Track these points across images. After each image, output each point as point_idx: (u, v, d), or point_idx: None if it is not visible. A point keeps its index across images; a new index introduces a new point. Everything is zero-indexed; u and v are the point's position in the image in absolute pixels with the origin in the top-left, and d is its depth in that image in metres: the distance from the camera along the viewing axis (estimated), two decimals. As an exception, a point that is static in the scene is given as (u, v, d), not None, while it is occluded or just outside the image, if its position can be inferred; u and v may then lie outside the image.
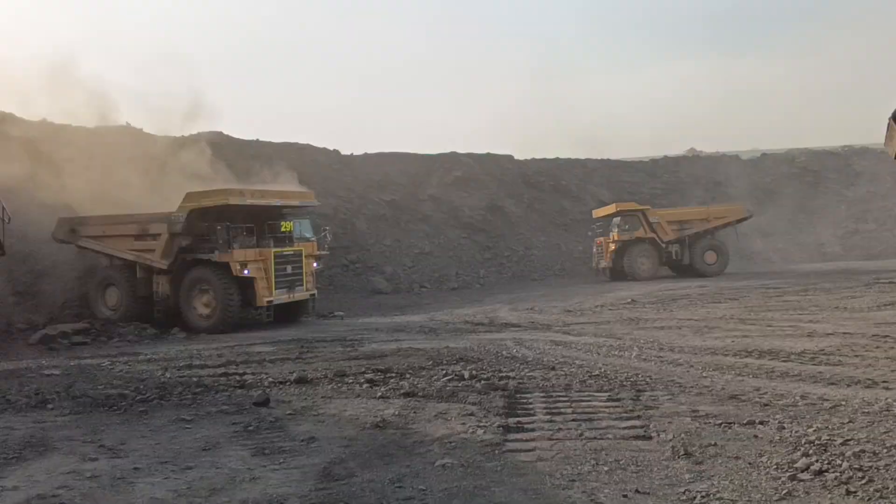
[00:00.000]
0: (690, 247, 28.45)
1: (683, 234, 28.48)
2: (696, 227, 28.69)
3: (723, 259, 28.85)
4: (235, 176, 22.81)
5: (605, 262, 28.60)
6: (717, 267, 28.54)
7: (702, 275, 27.73)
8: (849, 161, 41.33)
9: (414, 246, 31.15)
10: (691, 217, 29.29)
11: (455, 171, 35.91)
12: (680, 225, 28.69)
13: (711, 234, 29.12)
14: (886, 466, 4.34)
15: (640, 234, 28.10)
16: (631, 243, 28.01)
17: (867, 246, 35.32)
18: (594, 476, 4.63)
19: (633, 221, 28.45)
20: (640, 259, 27.88)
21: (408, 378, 8.67)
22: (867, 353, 8.53)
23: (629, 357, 9.43)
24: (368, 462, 5.29)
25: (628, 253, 27.92)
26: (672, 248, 28.35)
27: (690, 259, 28.39)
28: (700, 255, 28.41)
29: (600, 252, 29.02)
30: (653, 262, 28.21)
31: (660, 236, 28.16)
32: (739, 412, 6.00)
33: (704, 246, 28.65)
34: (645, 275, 27.60)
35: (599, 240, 29.24)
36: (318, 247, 18.77)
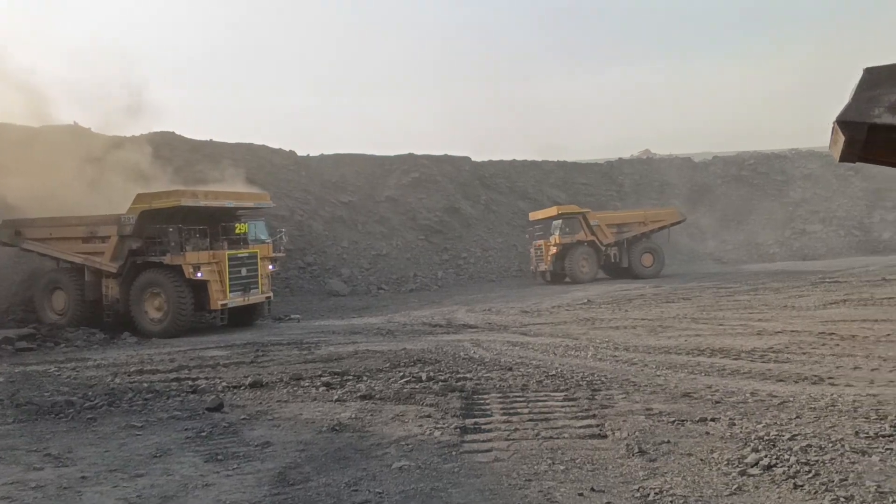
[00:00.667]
0: (629, 249, 28.79)
1: (622, 237, 28.80)
2: (633, 230, 29.04)
3: (659, 261, 29.21)
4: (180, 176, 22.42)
5: (544, 265, 28.48)
6: (654, 269, 28.90)
7: (638, 277, 28.06)
8: (796, 164, 42.52)
9: (371, 248, 31.01)
10: (629, 220, 29.55)
11: (412, 172, 35.88)
12: (618, 228, 28.98)
13: (647, 237, 29.48)
14: (832, 460, 4.46)
15: (581, 237, 28.17)
16: (571, 246, 28.00)
17: (814, 246, 36.39)
18: (550, 475, 4.66)
19: (573, 224, 28.49)
20: (580, 262, 27.89)
21: (365, 380, 8.61)
22: (814, 351, 8.76)
23: (585, 357, 9.53)
24: (324, 466, 5.23)
25: (569, 256, 27.89)
26: (611, 251, 28.60)
27: (629, 262, 28.69)
28: (637, 257, 28.73)
29: (539, 255, 28.86)
30: (592, 265, 28.31)
31: (599, 239, 28.34)
32: (692, 410, 6.10)
33: (641, 249, 28.98)
34: (585, 277, 27.68)
35: (539, 242, 29.09)
36: (273, 249, 18.54)
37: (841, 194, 39.53)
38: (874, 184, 38.67)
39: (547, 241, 28.51)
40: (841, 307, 13.43)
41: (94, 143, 21.79)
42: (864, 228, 37.32)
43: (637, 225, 29.23)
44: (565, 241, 27.93)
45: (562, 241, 27.92)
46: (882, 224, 37.37)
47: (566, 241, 27.94)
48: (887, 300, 13.83)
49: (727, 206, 39.89)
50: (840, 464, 4.39)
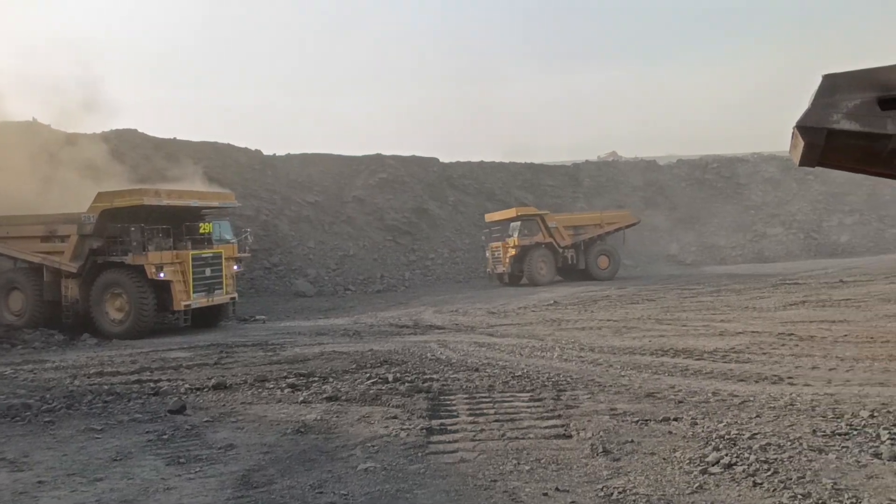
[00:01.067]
0: (585, 252, 28.82)
1: (579, 240, 28.80)
2: (590, 233, 29.13)
3: (614, 263, 29.35)
4: (137, 174, 22.07)
5: (502, 267, 28.19)
6: (609, 271, 29.01)
7: (594, 279, 28.11)
8: (757, 168, 43.39)
9: (338, 248, 30.85)
10: (586, 222, 29.66)
11: (380, 173, 35.79)
12: (575, 230, 29.01)
13: (602, 240, 29.62)
14: (790, 458, 4.55)
15: (540, 239, 28.05)
16: (530, 248, 27.83)
17: (774, 249, 37.14)
18: (515, 475, 4.68)
19: (532, 226, 28.32)
20: (539, 264, 27.76)
21: (331, 382, 8.55)
22: (774, 351, 8.93)
23: (551, 357, 9.59)
24: (289, 468, 5.19)
25: (528, 258, 27.70)
26: (568, 253, 28.56)
27: (585, 264, 28.71)
28: (594, 259, 28.80)
29: (497, 257, 28.59)
30: (550, 267, 28.20)
31: (557, 241, 28.30)
32: (655, 409, 6.18)
33: (597, 251, 29.07)
34: (543, 280, 27.55)
35: (496, 244, 28.83)
36: (238, 249, 18.32)
37: (801, 198, 40.42)
38: (833, 188, 39.63)
39: (505, 243, 28.25)
40: (800, 308, 13.72)
41: (51, 140, 21.34)
42: (822, 232, 38.21)
43: (593, 227, 29.37)
44: (524, 242, 27.73)
45: (520, 242, 27.69)
46: (840, 227, 38.30)
47: (525, 242, 27.74)
48: (844, 302, 14.17)
49: (690, 209, 40.53)
50: (798, 462, 4.49)
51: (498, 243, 28.72)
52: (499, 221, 29.83)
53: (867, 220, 38.27)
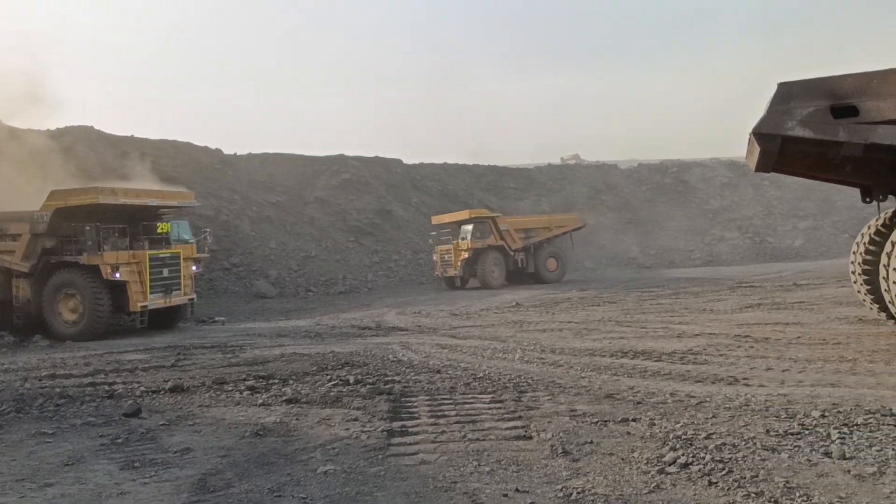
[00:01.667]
0: (535, 255, 28.79)
1: (529, 243, 28.75)
2: (539, 236, 29.14)
3: (562, 266, 29.47)
4: (87, 171, 21.63)
5: (453, 270, 27.78)
6: (557, 274, 29.10)
7: (544, 282, 28.14)
8: (716, 173, 44.26)
9: (300, 249, 30.58)
10: (535, 225, 29.69)
11: (343, 173, 35.62)
12: (526, 233, 28.92)
13: (551, 243, 29.69)
14: (744, 458, 4.64)
15: (492, 242, 27.84)
16: (483, 251, 27.57)
17: (731, 252, 37.90)
18: (476, 477, 4.68)
19: (484, 229, 28.09)
20: (491, 267, 27.52)
21: (291, 384, 8.46)
22: (730, 353, 9.09)
23: (512, 359, 9.63)
24: (247, 471, 5.11)
25: (481, 261, 27.42)
26: (518, 256, 28.44)
27: (535, 267, 28.67)
28: (543, 262, 28.81)
29: (447, 260, 28.13)
30: (502, 270, 28.01)
31: (508, 244, 28.15)
32: (614, 410, 6.24)
33: (546, 254, 29.10)
34: (495, 283, 27.38)
35: (446, 247, 28.40)
36: (197, 249, 18.03)
37: (757, 203, 41.35)
38: (787, 193, 40.61)
39: (456, 245, 27.90)
40: (755, 311, 14.00)
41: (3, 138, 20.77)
42: (777, 236, 39.11)
43: (542, 230, 29.43)
44: (476, 245, 27.46)
45: (473, 245, 27.40)
46: (794, 232, 39.25)
47: (477, 245, 27.47)
48: (798, 304, 14.51)
49: (650, 212, 41.16)
50: (752, 461, 4.57)
51: (447, 246, 28.32)
52: (448, 224, 29.46)
53: (820, 226, 39.30)
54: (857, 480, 4.13)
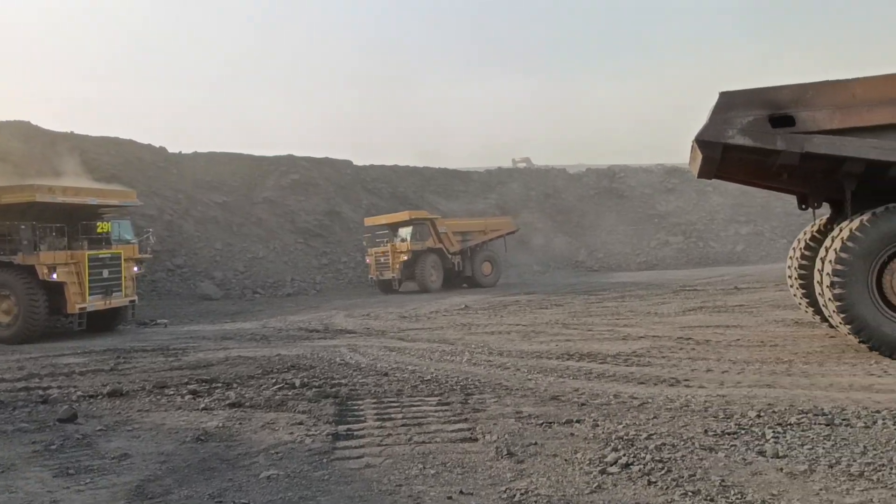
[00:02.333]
0: (471, 258, 28.58)
1: (466, 246, 28.53)
2: (476, 239, 28.97)
3: (497, 270, 29.39)
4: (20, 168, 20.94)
5: (391, 273, 27.04)
6: (492, 278, 28.97)
7: (479, 286, 27.93)
8: (661, 178, 45.24)
9: (247, 250, 30.11)
10: (472, 228, 29.47)
11: (292, 174, 35.23)
12: (463, 236, 28.64)
13: (486, 246, 29.62)
14: (683, 457, 4.75)
15: (431, 244, 27.42)
16: (422, 253, 27.01)
17: (675, 256, 38.81)
18: (421, 480, 4.67)
19: (423, 231, 27.67)
20: (430, 270, 26.97)
21: (235, 388, 8.31)
22: (672, 355, 9.29)
23: (460, 362, 9.65)
24: (187, 477, 4.99)
25: (420, 264, 26.82)
26: (455, 260, 28.07)
27: (472, 270, 28.43)
28: (479, 266, 28.60)
29: (383, 262, 27.41)
30: (440, 273, 27.56)
31: (447, 247, 27.82)
32: (559, 412, 6.31)
33: (482, 258, 28.93)
34: (433, 286, 26.87)
35: (381, 249, 27.69)
36: (139, 250, 17.59)
37: (700, 208, 42.42)
38: (730, 199, 41.76)
39: (394, 247, 27.26)
40: (698, 314, 14.34)
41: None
42: (720, 241, 40.20)
43: (478, 234, 29.27)
44: (416, 247, 26.93)
45: (413, 247, 26.89)
46: (736, 237, 40.40)
47: (417, 247, 26.95)
48: (738, 307, 14.92)
49: (598, 216, 41.83)
50: (690, 460, 4.68)
51: (383, 248, 27.63)
52: (385, 225, 28.82)
53: (760, 231, 40.53)
54: (788, 478, 4.26)
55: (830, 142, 8.29)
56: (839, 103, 8.28)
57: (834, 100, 8.31)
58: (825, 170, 8.83)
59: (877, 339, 8.12)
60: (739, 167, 9.74)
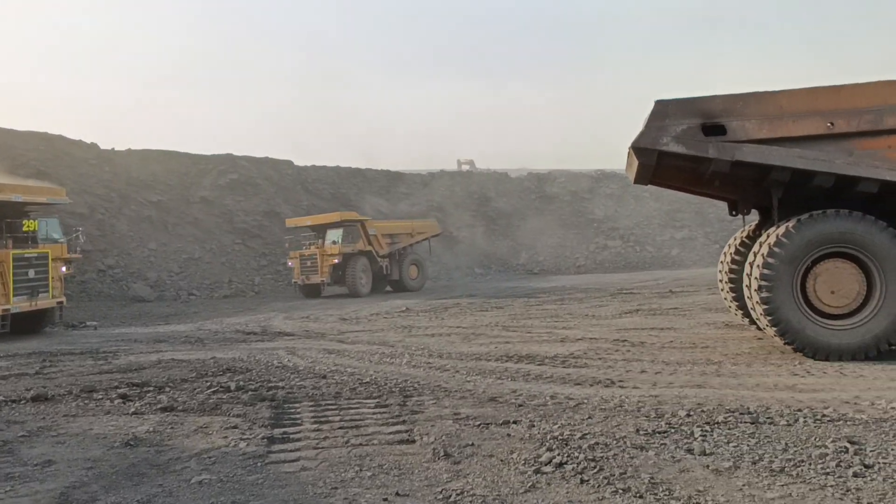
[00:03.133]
0: (399, 262, 28.17)
1: (394, 249, 28.13)
2: (403, 242, 28.63)
3: (423, 274, 29.11)
4: None
5: (319, 277, 26.04)
6: (419, 281, 28.64)
7: (406, 290, 27.59)
8: (601, 183, 46.16)
9: (182, 251, 29.40)
10: (400, 231, 29.07)
11: (230, 173, 34.58)
12: (391, 238, 28.24)
13: (412, 249, 29.35)
14: (615, 456, 4.85)
15: (361, 247, 26.77)
16: (352, 256, 26.23)
17: (614, 260, 39.62)
18: (357, 482, 4.64)
19: (353, 233, 27.12)
20: (360, 273, 26.18)
21: (167, 392, 8.10)
22: (608, 356, 9.48)
23: (400, 364, 9.63)
24: (115, 483, 4.84)
25: (350, 266, 25.97)
26: (383, 263, 27.52)
27: (399, 274, 27.97)
28: (406, 269, 28.23)
29: (309, 265, 26.38)
30: (370, 277, 26.85)
31: (376, 250, 27.25)
32: (497, 413, 6.36)
33: (409, 261, 28.56)
34: (363, 290, 26.16)
35: (307, 251, 26.78)
36: (68, 249, 16.97)
37: (638, 213, 43.44)
38: (665, 205, 42.90)
39: (323, 250, 26.35)
40: (634, 316, 14.67)
41: None
42: (656, 245, 41.23)
43: (406, 236, 28.96)
44: (346, 250, 26.22)
45: (343, 250, 26.15)
46: (671, 242, 41.50)
47: (347, 250, 26.25)
48: (672, 310, 15.33)
49: (538, 220, 42.38)
50: (621, 459, 4.78)
51: (309, 250, 26.77)
52: (311, 226, 27.95)
53: (695, 236, 41.74)
54: (714, 475, 4.40)
55: (759, 151, 8.60)
56: (767, 114, 8.61)
57: (763, 111, 8.63)
58: (754, 178, 9.16)
59: (800, 340, 8.46)
60: (674, 174, 10.02)
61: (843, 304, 8.45)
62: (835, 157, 8.44)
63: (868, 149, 8.41)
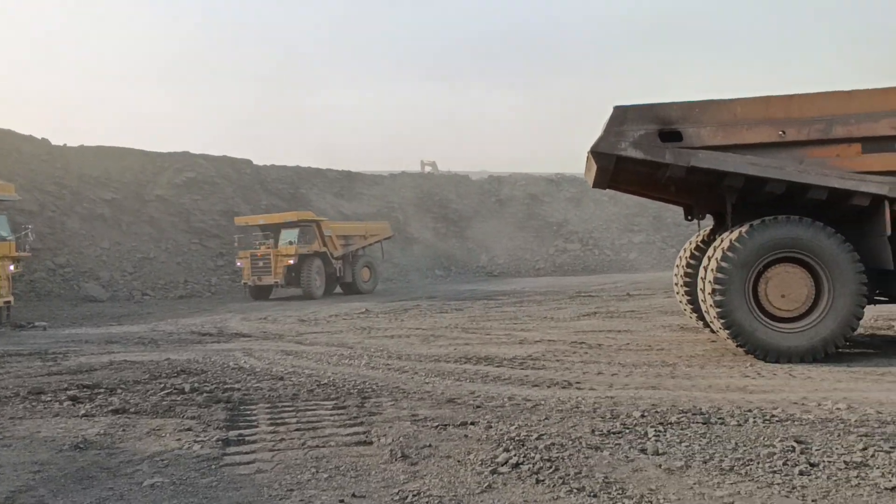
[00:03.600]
0: (352, 264, 27.84)
1: (348, 251, 27.83)
2: (357, 244, 28.40)
3: (375, 276, 28.88)
4: None
5: (273, 278, 25.32)
6: (371, 284, 28.38)
7: (358, 292, 27.30)
8: (561, 187, 46.63)
9: (136, 250, 28.82)
10: (353, 232, 28.82)
11: (187, 171, 34.02)
12: (346, 240, 27.95)
13: (365, 252, 29.16)
14: (570, 456, 4.91)
15: (316, 248, 26.36)
16: (307, 257, 25.71)
17: (572, 263, 40.05)
18: (313, 484, 4.61)
19: (309, 233, 26.72)
20: (315, 275, 25.74)
21: (119, 393, 7.93)
22: (566, 358, 9.57)
23: (358, 365, 9.59)
24: (63, 487, 4.72)
25: (305, 268, 25.43)
26: (337, 265, 27.14)
27: (353, 276, 27.63)
28: (359, 272, 27.93)
29: (262, 266, 25.62)
30: (323, 279, 26.46)
31: (331, 251, 26.86)
32: (454, 414, 6.37)
33: (362, 263, 28.30)
34: (318, 292, 25.75)
35: (260, 251, 26.05)
36: (16, 247, 16.49)
37: (597, 217, 43.99)
38: (624, 209, 43.53)
39: (277, 251, 25.78)
40: (592, 319, 14.84)
41: None
42: (615, 249, 41.80)
43: (359, 238, 28.76)
44: (302, 251, 25.74)
45: (299, 251, 25.65)
46: (629, 245, 42.13)
47: (303, 251, 25.78)
48: (629, 313, 15.55)
49: (499, 223, 42.61)
50: (577, 459, 4.84)
51: (262, 250, 26.04)
52: (265, 226, 27.26)
53: (652, 240, 42.44)
54: (666, 474, 4.48)
55: (713, 157, 8.79)
56: (722, 121, 8.80)
57: (718, 118, 8.82)
58: (709, 183, 9.36)
59: (752, 343, 8.66)
60: (632, 178, 10.18)
61: (792, 307, 8.68)
62: (786, 164, 8.67)
63: (817, 157, 8.66)
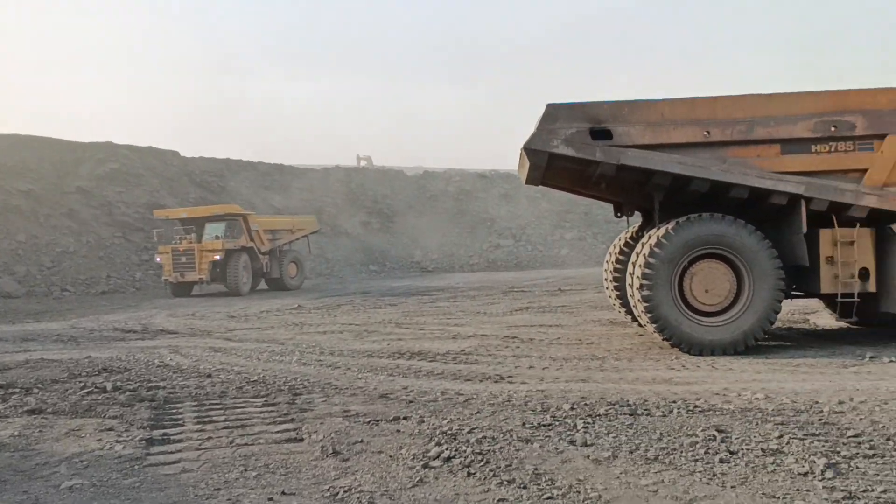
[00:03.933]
0: (279, 259, 27.27)
1: (275, 245, 27.29)
2: (283, 238, 27.86)
3: (302, 272, 28.39)
4: None
5: (197, 274, 24.31)
6: (298, 280, 27.91)
7: (285, 289, 26.81)
8: (495, 184, 47.01)
9: (55, 244, 27.64)
10: (280, 227, 28.23)
11: (110, 162, 32.82)
12: (272, 234, 27.33)
13: (290, 246, 28.64)
14: (501, 449, 4.96)
15: (243, 243, 25.55)
16: (234, 252, 24.82)
17: (505, 259, 40.44)
18: (241, 482, 4.52)
19: (236, 228, 25.76)
20: (241, 271, 24.86)
21: (35, 393, 7.59)
22: (498, 353, 9.66)
23: (290, 362, 9.44)
24: (-28, 493, 4.48)
25: (232, 263, 24.53)
26: (264, 260, 26.49)
27: (280, 272, 27.06)
28: (286, 267, 27.37)
29: (184, 262, 24.55)
30: (250, 275, 25.73)
31: (258, 246, 26.20)
32: (387, 409, 6.35)
33: (289, 258, 27.76)
34: (245, 289, 24.97)
35: (182, 246, 24.81)
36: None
37: (530, 213, 44.55)
38: (556, 206, 44.20)
39: (201, 245, 24.83)
40: (524, 314, 15.02)
41: None
42: (547, 245, 42.42)
43: (286, 233, 28.23)
44: (229, 245, 24.83)
45: (226, 245, 24.71)
46: (562, 242, 42.82)
47: (230, 246, 24.88)
48: (561, 308, 15.81)
49: (433, 218, 42.68)
50: (507, 451, 4.89)
51: (184, 245, 24.92)
52: (188, 219, 26.10)
53: (583, 237, 43.25)
54: (594, 464, 4.58)
55: (642, 156, 9.02)
56: (650, 121, 9.04)
57: (646, 117, 9.05)
58: (637, 181, 9.61)
59: (677, 336, 8.94)
60: (564, 175, 10.35)
61: (715, 302, 9.00)
62: (710, 163, 8.97)
63: (739, 157, 9.00)
